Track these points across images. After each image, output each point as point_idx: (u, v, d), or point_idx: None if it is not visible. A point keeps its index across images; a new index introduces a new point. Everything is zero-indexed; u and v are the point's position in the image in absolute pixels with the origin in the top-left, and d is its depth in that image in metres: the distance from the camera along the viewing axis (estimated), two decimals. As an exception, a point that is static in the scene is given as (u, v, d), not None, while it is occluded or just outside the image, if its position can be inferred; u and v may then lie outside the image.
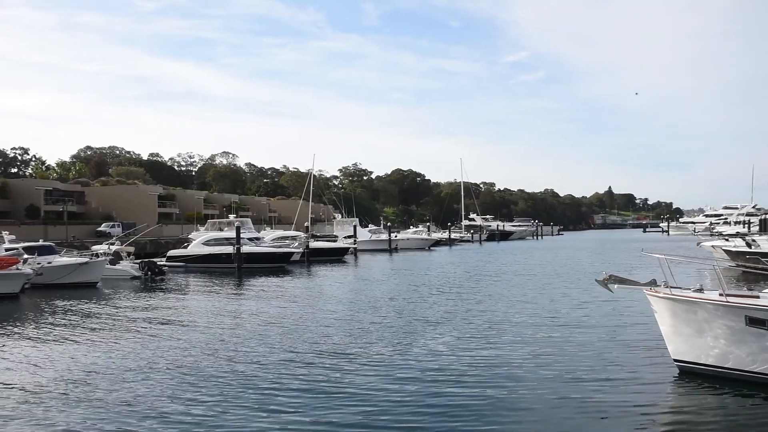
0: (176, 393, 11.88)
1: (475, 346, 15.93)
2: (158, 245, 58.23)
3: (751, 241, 44.01)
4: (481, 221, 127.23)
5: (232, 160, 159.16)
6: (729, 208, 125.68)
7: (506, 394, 11.57)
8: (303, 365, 13.94)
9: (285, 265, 47.58)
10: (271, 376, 13.01)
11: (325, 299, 26.89)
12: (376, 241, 76.43)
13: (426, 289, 30.06)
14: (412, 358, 14.55)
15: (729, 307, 12.04)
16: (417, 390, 11.86)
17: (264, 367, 13.82)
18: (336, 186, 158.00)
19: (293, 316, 21.60)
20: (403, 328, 18.68)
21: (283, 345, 16.32)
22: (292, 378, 12.85)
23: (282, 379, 12.77)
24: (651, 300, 13.27)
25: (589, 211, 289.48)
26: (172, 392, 11.94)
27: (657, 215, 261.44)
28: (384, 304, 24.71)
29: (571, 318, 20.48)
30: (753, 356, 11.96)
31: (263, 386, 12.27)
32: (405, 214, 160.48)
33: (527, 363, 14.05)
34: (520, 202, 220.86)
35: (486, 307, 23.18)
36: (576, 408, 10.74)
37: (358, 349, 15.61)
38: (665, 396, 11.98)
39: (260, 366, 13.96)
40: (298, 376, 13.02)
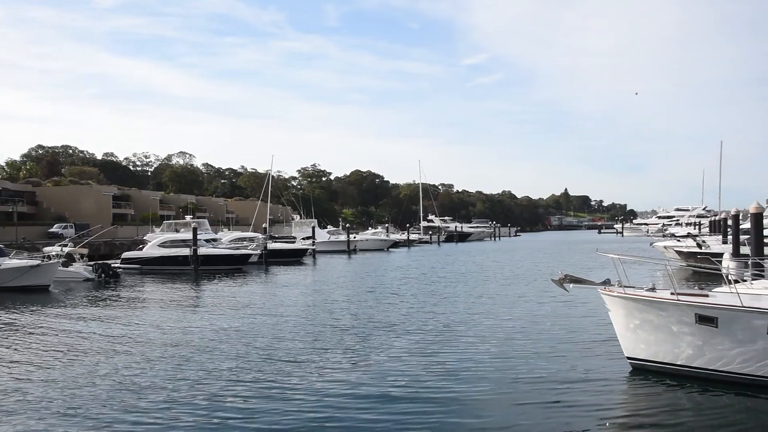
0: (123, 400, 11.49)
1: (432, 348, 15.92)
2: (112, 247, 57.19)
3: (701, 242, 45.19)
4: (439, 222, 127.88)
5: (189, 161, 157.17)
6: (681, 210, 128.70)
7: (464, 396, 11.62)
8: (255, 371, 13.61)
9: (242, 266, 47.14)
10: (222, 383, 12.62)
11: (281, 302, 26.53)
12: (334, 243, 76.21)
13: (384, 291, 30.00)
14: (368, 363, 14.37)
15: (680, 306, 12.35)
16: (373, 394, 11.75)
17: (214, 374, 13.42)
18: (294, 187, 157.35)
19: (248, 320, 21.27)
20: (359, 332, 18.47)
21: (236, 350, 15.96)
22: (242, 384, 12.51)
23: (232, 386, 12.40)
24: (605, 299, 13.52)
25: (546, 213, 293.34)
26: (118, 400, 11.52)
27: (612, 217, 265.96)
28: (341, 306, 24.50)
29: (527, 318, 20.71)
30: (702, 353, 12.30)
31: (212, 392, 11.91)
32: (364, 215, 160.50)
33: (484, 363, 14.14)
34: (478, 203, 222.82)
35: (444, 309, 23.21)
36: (531, 406, 10.86)
37: (312, 354, 15.36)
38: (618, 393, 12.19)
39: (210, 372, 13.55)
40: (249, 382, 12.70)
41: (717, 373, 12.16)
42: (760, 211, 28.36)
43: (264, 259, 52.28)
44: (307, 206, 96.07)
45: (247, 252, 49.59)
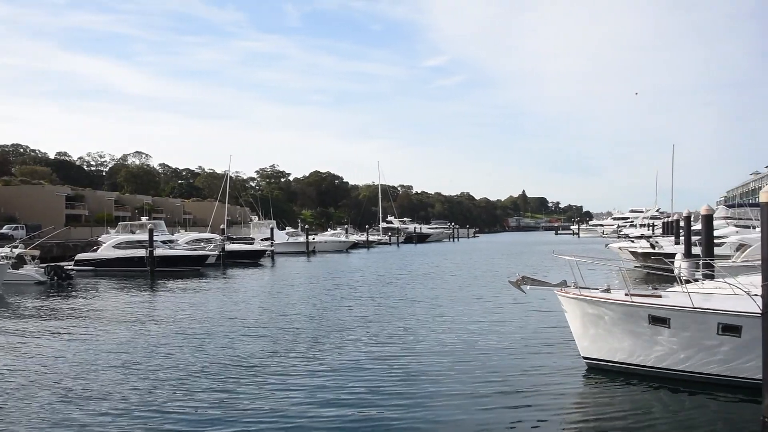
0: (63, 411, 10.93)
1: (389, 351, 15.89)
2: (65, 248, 55.75)
3: (654, 243, 46.15)
4: (398, 224, 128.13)
5: (145, 161, 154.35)
6: (635, 211, 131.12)
7: (421, 397, 11.65)
8: (208, 377, 13.21)
9: (200, 268, 46.55)
10: (172, 390, 12.18)
11: (238, 304, 26.16)
12: (293, 244, 75.82)
13: (342, 293, 29.89)
14: (324, 368, 14.13)
15: (633, 307, 12.59)
16: (329, 400, 11.56)
17: (164, 380, 12.99)
18: (253, 188, 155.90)
19: (203, 323, 20.89)
20: (316, 335, 18.28)
21: (190, 355, 15.57)
22: (194, 392, 12.06)
23: (183, 394, 11.93)
24: (561, 300, 13.70)
25: (504, 214, 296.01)
26: (58, 411, 10.95)
27: (568, 218, 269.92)
28: (298, 309, 24.28)
29: (485, 319, 20.87)
30: (655, 352, 12.55)
31: (161, 401, 11.47)
32: (323, 216, 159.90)
33: (441, 365, 14.20)
34: (437, 204, 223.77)
35: (402, 311, 23.25)
36: (487, 407, 10.94)
37: (267, 359, 15.12)
38: (574, 393, 12.34)
39: (161, 379, 13.08)
40: (200, 390, 12.23)
41: (670, 371, 12.42)
42: (711, 212, 29.04)
43: (222, 261, 51.76)
44: (265, 207, 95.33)
45: (205, 253, 49.01)
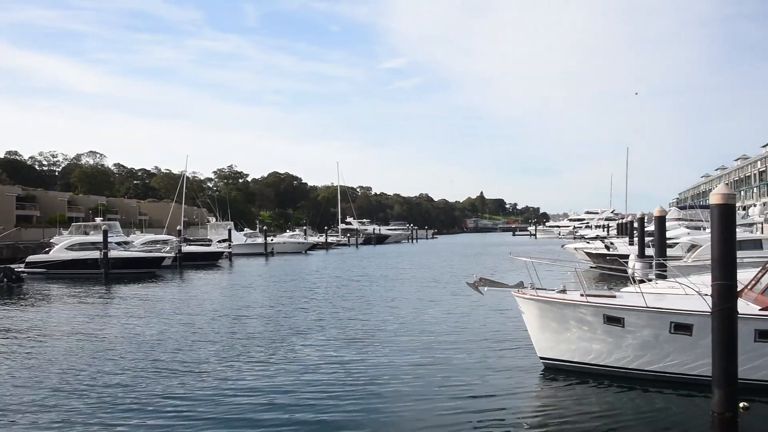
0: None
1: (346, 354, 15.83)
2: (16, 250, 54.45)
3: (609, 244, 46.93)
4: (357, 225, 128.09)
5: (99, 160, 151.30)
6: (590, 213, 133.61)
7: (377, 400, 11.68)
8: (157, 384, 12.75)
9: (156, 270, 45.79)
10: (119, 398, 11.74)
11: (193, 308, 25.59)
12: (251, 245, 75.16)
13: (300, 296, 29.61)
14: (280, 372, 13.76)
15: (589, 307, 12.79)
16: (284, 405, 11.34)
17: (111, 387, 12.48)
18: (210, 188, 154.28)
19: (156, 327, 20.38)
20: (272, 338, 17.94)
21: (140, 361, 14.98)
22: (142, 400, 11.56)
23: (132, 402, 11.49)
24: (518, 301, 13.84)
25: (462, 215, 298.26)
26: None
27: (525, 219, 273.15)
28: (254, 312, 23.92)
29: (442, 320, 20.96)
30: (611, 352, 12.77)
31: (106, 411, 10.97)
32: (281, 217, 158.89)
33: (398, 367, 14.19)
34: (396, 206, 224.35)
35: (359, 313, 23.19)
36: (445, 407, 10.97)
37: (221, 364, 14.72)
38: (531, 392, 12.48)
39: (108, 386, 12.62)
40: (151, 396, 11.86)
41: (625, 370, 12.65)
42: (663, 214, 29.68)
43: (178, 263, 51.09)
44: (223, 208, 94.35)
45: (161, 255, 48.26)
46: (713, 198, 9.98)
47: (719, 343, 9.67)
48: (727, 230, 9.82)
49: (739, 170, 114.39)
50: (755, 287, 13.30)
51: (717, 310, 9.67)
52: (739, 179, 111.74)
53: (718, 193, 9.91)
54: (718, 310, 9.64)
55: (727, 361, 9.58)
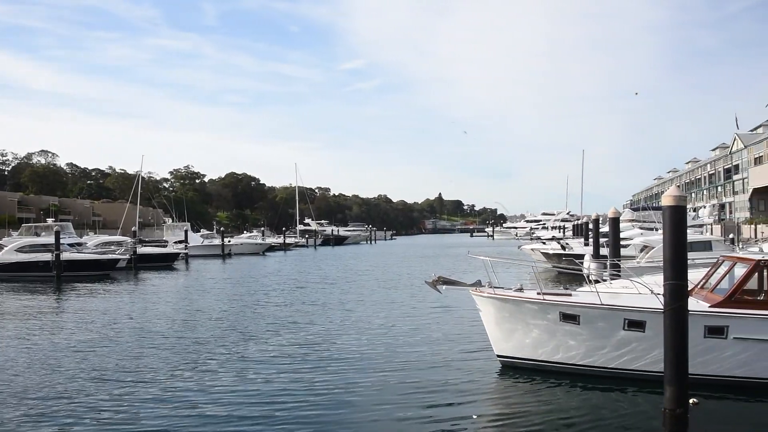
0: None
1: (302, 356, 15.76)
2: (-37, 252, 52.93)
3: (565, 245, 47.60)
4: (316, 226, 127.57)
5: (51, 160, 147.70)
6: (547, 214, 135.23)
7: (336, 400, 11.67)
8: (104, 393, 12.17)
9: (110, 272, 44.92)
10: (61, 410, 11.09)
11: (147, 311, 24.97)
12: (208, 246, 74.29)
13: (257, 298, 29.20)
14: (233, 379, 13.34)
15: (545, 305, 13.01)
16: (236, 411, 11.09)
17: (56, 398, 11.81)
18: (166, 189, 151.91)
19: (107, 332, 19.63)
20: (226, 344, 17.26)
21: (87, 368, 14.30)
22: (85, 410, 11.04)
23: (72, 412, 10.94)
24: (476, 299, 13.98)
25: (421, 217, 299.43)
26: None
27: (483, 220, 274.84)
28: (209, 316, 23.27)
29: (401, 321, 21.02)
30: (566, 349, 13.01)
31: (49, 423, 10.48)
32: (239, 218, 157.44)
33: (356, 368, 14.24)
34: (355, 207, 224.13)
35: (317, 316, 23.07)
36: (401, 407, 11.05)
37: (170, 370, 14.23)
38: (488, 390, 12.62)
39: (53, 397, 11.92)
40: (97, 404, 11.41)
41: (580, 367, 12.89)
42: (617, 215, 30.30)
43: (133, 265, 50.19)
44: (179, 209, 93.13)
45: (115, 257, 47.32)
46: (665, 200, 10.23)
47: (671, 340, 9.91)
48: (678, 231, 10.07)
49: (689, 173, 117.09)
50: (705, 286, 13.69)
51: (669, 309, 9.90)
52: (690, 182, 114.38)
53: (669, 195, 10.16)
54: (670, 309, 9.87)
55: (679, 358, 9.82)
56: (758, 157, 76.02)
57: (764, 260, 12.51)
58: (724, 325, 11.64)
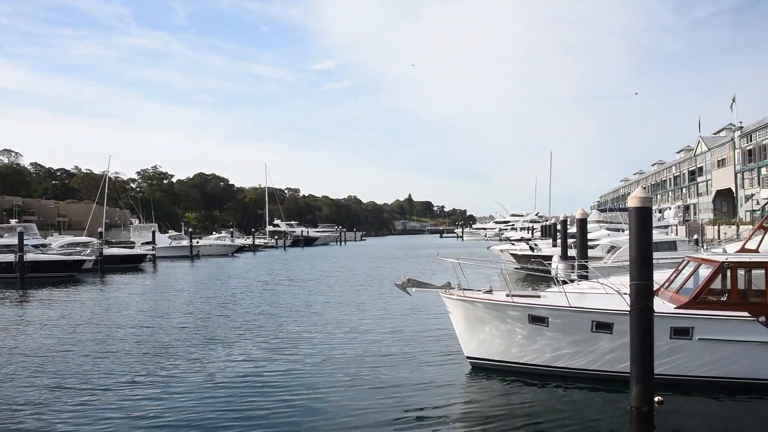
0: None
1: (271, 359, 15.63)
2: None
3: (533, 246, 47.99)
4: (285, 227, 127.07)
5: (15, 159, 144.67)
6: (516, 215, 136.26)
7: (306, 403, 11.62)
8: (61, 401, 11.78)
9: (75, 273, 44.27)
10: (20, 417, 10.81)
11: (112, 314, 24.44)
12: (176, 248, 73.54)
13: (225, 300, 28.79)
14: (200, 380, 13.17)
15: (514, 307, 13.08)
16: (203, 416, 10.91)
17: (13, 406, 11.51)
18: (134, 189, 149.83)
19: (70, 336, 19.14)
20: (192, 349, 16.81)
21: (47, 374, 13.98)
22: (45, 418, 10.77)
23: (28, 420, 10.67)
24: (446, 302, 14.02)
25: (391, 218, 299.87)
26: None
27: (453, 221, 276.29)
28: (175, 319, 22.76)
29: (370, 323, 20.99)
30: (535, 350, 13.10)
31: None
32: (208, 219, 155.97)
33: (327, 370, 14.20)
34: (325, 208, 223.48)
35: (287, 318, 22.96)
36: (372, 409, 11.05)
37: (131, 375, 13.76)
38: (458, 392, 12.66)
39: (10, 404, 11.64)
40: (57, 412, 11.15)
41: (549, 368, 13.00)
42: (585, 217, 30.62)
43: (99, 266, 49.49)
44: (147, 210, 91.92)
45: (81, 258, 46.66)
46: (631, 201, 10.37)
47: (637, 340, 10.03)
48: (644, 232, 10.21)
49: (655, 175, 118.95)
50: (670, 286, 13.90)
51: (635, 309, 10.02)
52: (656, 183, 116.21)
53: (635, 196, 10.29)
54: (636, 309, 10.00)
55: (645, 358, 9.95)
56: (721, 159, 77.49)
57: (728, 262, 12.73)
58: (689, 326, 11.82)
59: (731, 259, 12.92)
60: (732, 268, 12.70)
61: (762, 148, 64.07)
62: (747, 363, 11.73)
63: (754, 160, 66.30)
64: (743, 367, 11.75)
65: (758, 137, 65.18)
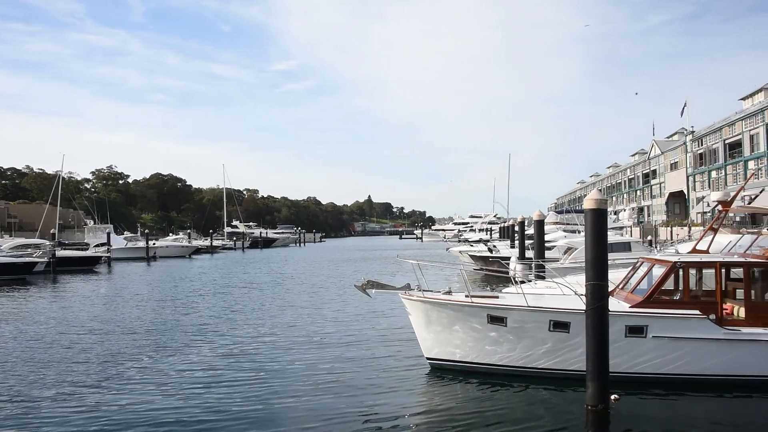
0: None
1: (229, 364, 15.44)
2: None
3: (492, 247, 48.45)
4: (244, 228, 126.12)
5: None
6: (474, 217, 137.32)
7: (264, 406, 11.54)
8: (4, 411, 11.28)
9: (26, 276, 43.23)
10: None
11: (63, 318, 23.79)
12: (132, 249, 72.35)
13: (181, 303, 28.20)
14: (146, 394, 12.36)
15: (473, 307, 13.17)
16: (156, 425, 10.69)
17: None
18: (88, 190, 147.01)
19: (14, 341, 18.51)
20: (142, 355, 16.17)
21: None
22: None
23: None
24: (405, 303, 14.05)
25: (350, 219, 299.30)
26: None
27: (412, 223, 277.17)
28: (128, 323, 22.03)
29: (330, 325, 20.93)
30: (494, 350, 13.21)
31: None
32: (164, 220, 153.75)
33: (285, 374, 14.12)
34: (284, 209, 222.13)
35: (244, 321, 22.73)
36: (332, 412, 11.00)
37: (78, 386, 13.05)
38: (417, 393, 12.68)
39: None
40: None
41: (508, 368, 13.12)
42: (542, 218, 31.02)
43: (52, 268, 48.43)
44: (102, 211, 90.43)
45: (32, 260, 45.57)
46: (587, 203, 10.54)
47: (593, 339, 10.21)
48: (599, 233, 10.40)
49: (610, 177, 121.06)
50: (625, 286, 14.18)
51: (591, 309, 10.20)
52: (611, 185, 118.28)
53: (591, 198, 10.48)
54: (592, 309, 10.17)
55: (600, 356, 10.13)
56: (674, 163, 79.25)
57: (680, 262, 13.04)
58: (643, 324, 12.07)
59: (683, 259, 13.24)
60: (684, 268, 13.02)
61: (712, 151, 65.76)
62: (698, 359, 12.04)
63: (704, 164, 67.98)
64: (695, 363, 12.05)
65: (708, 141, 66.87)
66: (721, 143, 63.48)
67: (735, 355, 11.98)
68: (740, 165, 59.40)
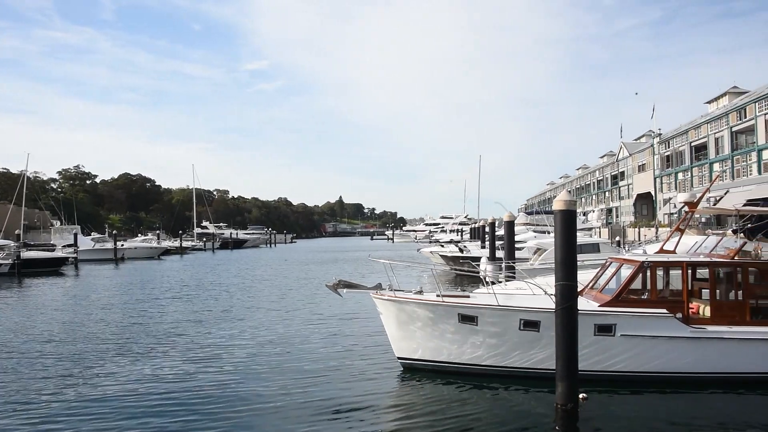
0: None
1: (198, 367, 15.26)
2: None
3: (462, 248, 48.70)
4: (214, 229, 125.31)
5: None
6: (445, 217, 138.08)
7: (236, 407, 11.45)
8: None
9: (-10, 278, 42.46)
10: None
11: (26, 321, 23.33)
12: (100, 250, 71.38)
13: (149, 306, 27.83)
14: (111, 400, 11.96)
15: (444, 307, 13.20)
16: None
17: None
18: (54, 190, 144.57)
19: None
20: (107, 360, 15.74)
21: None
22: None
23: None
24: (377, 302, 14.05)
25: (321, 220, 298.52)
26: None
27: (383, 224, 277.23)
28: (94, 327, 21.55)
29: (301, 324, 20.88)
30: (464, 349, 13.27)
31: None
32: (133, 221, 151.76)
33: (257, 374, 14.05)
34: (254, 210, 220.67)
35: (212, 325, 22.40)
36: (303, 411, 10.98)
37: (36, 391, 12.84)
38: (389, 393, 12.65)
39: None
40: None
41: (479, 367, 13.18)
42: (512, 219, 31.24)
43: (16, 270, 47.58)
44: (68, 211, 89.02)
45: (-4, 261, 44.80)
46: (556, 204, 10.64)
47: (562, 338, 10.30)
48: (568, 234, 10.49)
49: (580, 179, 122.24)
50: (594, 286, 14.34)
51: (560, 308, 10.28)
52: (580, 187, 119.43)
53: (560, 199, 10.57)
54: (561, 308, 10.26)
55: (569, 355, 10.23)
56: (641, 165, 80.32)
57: (648, 262, 13.23)
58: (612, 323, 12.21)
59: (651, 259, 13.44)
60: (651, 268, 13.21)
61: (679, 154, 66.75)
62: (665, 357, 12.21)
63: (671, 166, 68.99)
64: (662, 361, 12.22)
65: (675, 144, 67.90)
66: (687, 146, 64.48)
67: (701, 353, 12.18)
68: (706, 167, 60.40)
